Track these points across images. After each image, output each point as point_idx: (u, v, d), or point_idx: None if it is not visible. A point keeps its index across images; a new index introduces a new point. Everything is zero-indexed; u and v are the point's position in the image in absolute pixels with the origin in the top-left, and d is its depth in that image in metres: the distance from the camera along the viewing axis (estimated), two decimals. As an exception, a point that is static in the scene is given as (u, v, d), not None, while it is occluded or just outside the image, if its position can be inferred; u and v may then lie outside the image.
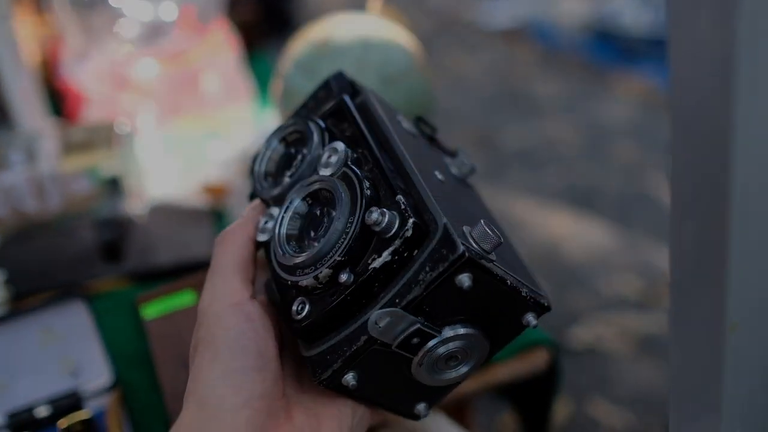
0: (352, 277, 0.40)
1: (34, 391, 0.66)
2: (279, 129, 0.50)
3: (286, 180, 0.47)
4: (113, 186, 0.89)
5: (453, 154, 0.51)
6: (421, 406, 0.45)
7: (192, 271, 0.79)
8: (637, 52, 2.86)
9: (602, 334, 1.74)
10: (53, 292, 0.77)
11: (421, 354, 0.40)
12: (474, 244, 0.38)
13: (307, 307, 0.41)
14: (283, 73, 0.84)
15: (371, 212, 0.39)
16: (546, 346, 0.73)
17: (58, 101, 1.12)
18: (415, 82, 0.83)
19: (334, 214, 0.42)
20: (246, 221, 0.47)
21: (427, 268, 0.38)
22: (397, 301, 0.39)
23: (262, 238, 0.46)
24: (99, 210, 0.89)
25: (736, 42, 0.26)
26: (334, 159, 0.44)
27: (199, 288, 0.73)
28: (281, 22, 2.36)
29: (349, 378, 0.40)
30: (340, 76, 0.50)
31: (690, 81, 0.29)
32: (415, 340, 0.39)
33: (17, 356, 0.69)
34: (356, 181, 0.42)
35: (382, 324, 0.38)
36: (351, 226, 0.40)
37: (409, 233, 0.39)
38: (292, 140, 0.49)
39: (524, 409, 0.84)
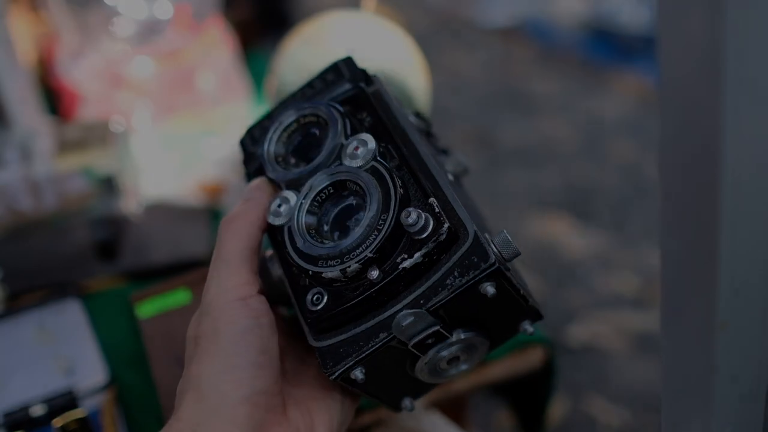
0: (381, 274, 0.40)
1: (29, 389, 0.66)
2: (291, 108, 0.48)
3: (303, 165, 0.46)
4: (108, 184, 0.88)
5: (445, 152, 0.51)
6: (407, 400, 0.46)
7: (187, 270, 0.78)
8: (635, 50, 2.86)
9: (599, 331, 1.74)
10: (48, 290, 0.77)
11: (430, 354, 0.41)
12: (498, 253, 0.39)
13: (324, 298, 0.41)
14: (277, 71, 0.84)
15: (409, 213, 0.39)
16: (542, 344, 0.73)
17: (54, 100, 1.12)
18: (410, 80, 0.83)
19: (362, 208, 0.42)
20: (253, 205, 0.44)
21: (456, 273, 0.39)
22: (421, 302, 0.39)
23: (277, 221, 0.44)
24: (94, 208, 0.88)
25: (725, 40, 0.26)
26: (361, 151, 0.43)
27: (194, 286, 0.73)
28: (277, 21, 2.35)
29: (358, 372, 0.40)
30: (350, 61, 0.49)
31: (679, 79, 0.29)
32: (430, 341, 0.40)
33: (12, 355, 0.69)
34: (388, 178, 0.42)
35: (404, 323, 0.38)
36: (384, 224, 0.40)
37: (443, 237, 0.39)
38: (305, 122, 0.47)
39: (520, 407, 0.84)
